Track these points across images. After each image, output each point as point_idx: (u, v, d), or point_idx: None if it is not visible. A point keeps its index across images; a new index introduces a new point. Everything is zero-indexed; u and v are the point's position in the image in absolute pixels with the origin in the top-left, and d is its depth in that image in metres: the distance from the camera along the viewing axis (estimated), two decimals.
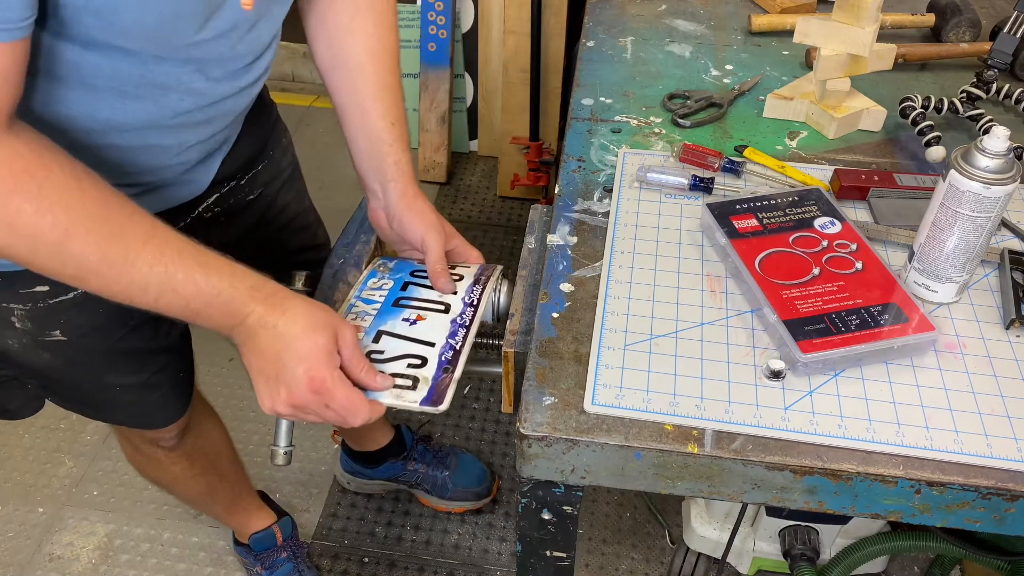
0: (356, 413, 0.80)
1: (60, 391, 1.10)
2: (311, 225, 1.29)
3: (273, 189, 1.18)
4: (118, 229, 0.72)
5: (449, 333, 0.91)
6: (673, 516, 1.74)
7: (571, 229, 0.96)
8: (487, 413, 1.95)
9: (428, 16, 2.43)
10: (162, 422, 1.20)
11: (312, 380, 0.77)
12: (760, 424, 0.74)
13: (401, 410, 0.84)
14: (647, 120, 1.15)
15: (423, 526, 1.74)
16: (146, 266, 0.73)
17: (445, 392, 0.83)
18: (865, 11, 1.04)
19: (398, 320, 0.93)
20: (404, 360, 0.87)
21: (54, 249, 0.70)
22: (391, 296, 0.97)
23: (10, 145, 0.68)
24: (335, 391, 0.78)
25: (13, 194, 0.68)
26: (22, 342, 0.97)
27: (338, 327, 0.80)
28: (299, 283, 1.02)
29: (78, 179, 0.71)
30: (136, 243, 0.73)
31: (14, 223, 0.68)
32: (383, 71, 1.02)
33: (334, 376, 0.78)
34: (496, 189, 2.63)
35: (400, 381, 0.84)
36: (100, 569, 1.66)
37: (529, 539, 0.88)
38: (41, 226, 0.69)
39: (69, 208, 0.70)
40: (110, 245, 0.71)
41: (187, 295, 0.75)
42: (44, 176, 0.69)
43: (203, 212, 1.07)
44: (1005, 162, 0.78)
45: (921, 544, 1.15)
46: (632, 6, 1.42)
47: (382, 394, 0.83)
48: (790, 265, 0.87)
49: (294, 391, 0.78)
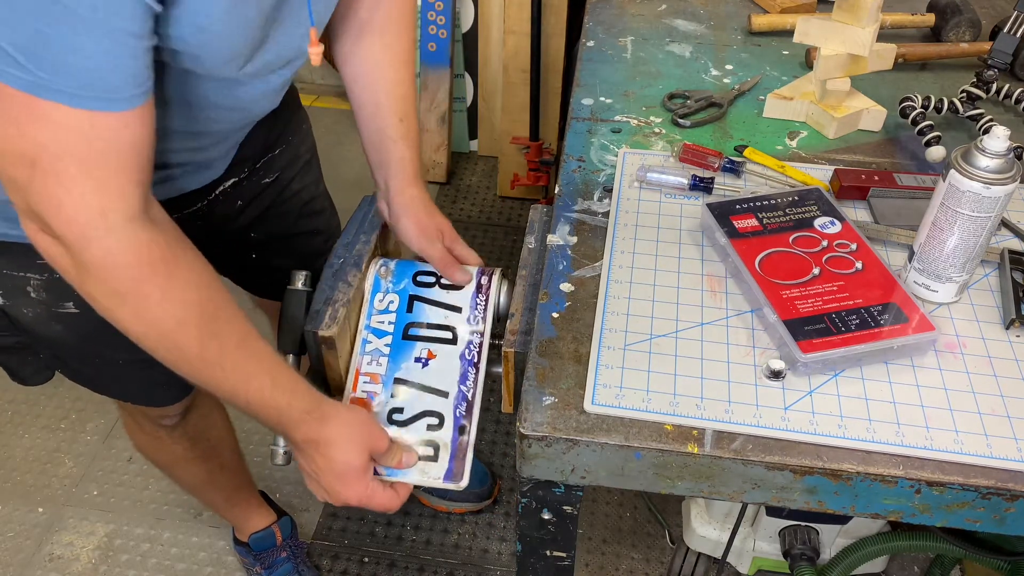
0: (390, 508, 0.93)
1: (69, 362, 1.12)
2: (325, 210, 1.31)
3: (290, 174, 1.20)
4: (218, 329, 0.79)
5: (460, 376, 0.97)
6: (673, 516, 1.74)
7: (571, 229, 0.96)
8: (487, 413, 1.95)
9: (428, 16, 2.43)
10: (165, 400, 1.22)
11: (348, 497, 0.90)
12: (760, 424, 0.74)
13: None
14: (647, 120, 1.15)
15: (423, 526, 1.74)
16: (231, 367, 0.81)
17: (463, 466, 0.93)
18: (865, 11, 1.04)
19: (411, 362, 0.99)
20: (423, 420, 0.96)
21: (164, 335, 0.77)
22: (400, 322, 1.01)
23: (151, 232, 0.73)
24: (368, 503, 0.91)
25: (147, 281, 0.74)
26: (36, 311, 0.99)
27: (373, 444, 0.89)
28: (299, 283, 1.02)
29: (200, 276, 0.78)
30: (230, 345, 0.80)
31: (139, 308, 0.74)
32: (399, 66, 1.05)
33: (368, 490, 0.91)
34: (496, 189, 2.63)
35: (422, 451, 0.94)
36: (100, 569, 1.66)
37: (529, 539, 0.88)
38: (161, 314, 0.75)
39: (187, 304, 0.76)
40: (210, 343, 0.78)
41: (251, 401, 0.83)
42: (175, 268, 0.75)
43: (219, 195, 1.09)
44: (1005, 162, 0.78)
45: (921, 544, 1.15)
46: (632, 6, 1.42)
47: (408, 473, 0.93)
48: (790, 265, 0.87)
49: (333, 498, 0.91)
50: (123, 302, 0.74)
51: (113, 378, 1.15)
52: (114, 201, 0.70)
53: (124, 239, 0.71)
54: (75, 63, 0.64)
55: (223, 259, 1.24)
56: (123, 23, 0.65)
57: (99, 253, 0.71)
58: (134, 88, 0.69)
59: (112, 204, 0.70)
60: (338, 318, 0.96)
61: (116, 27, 0.65)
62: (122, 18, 0.65)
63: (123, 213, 0.71)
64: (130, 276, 0.73)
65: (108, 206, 0.70)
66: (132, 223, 0.71)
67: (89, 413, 1.95)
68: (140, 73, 0.69)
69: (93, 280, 0.73)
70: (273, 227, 1.21)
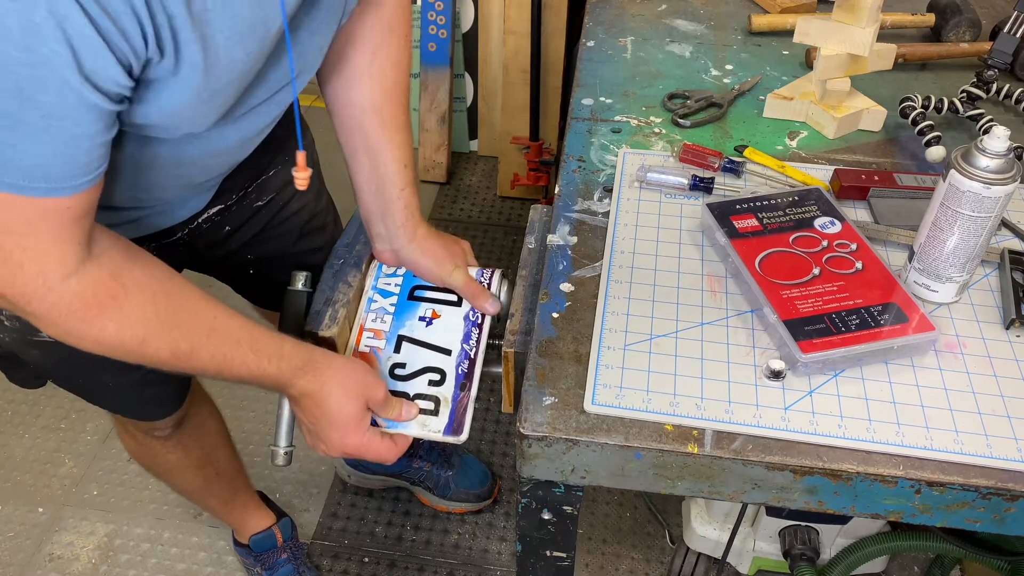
0: (387, 460, 0.93)
1: (56, 380, 1.12)
2: (327, 225, 1.27)
3: (288, 194, 1.16)
4: (185, 329, 0.80)
5: (463, 335, 0.98)
6: (673, 516, 1.74)
7: (571, 229, 0.96)
8: (487, 413, 1.95)
9: (428, 16, 2.43)
10: (157, 415, 1.22)
11: (345, 445, 0.91)
12: (760, 424, 0.74)
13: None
14: (647, 120, 1.15)
15: (423, 526, 1.74)
16: (207, 356, 0.82)
17: (464, 419, 0.93)
18: (865, 11, 1.04)
19: (415, 320, 1.00)
20: (425, 376, 0.95)
21: (133, 353, 0.78)
22: (406, 284, 1.03)
23: (94, 274, 0.74)
24: (365, 452, 0.91)
25: (97, 318, 0.74)
26: (13, 337, 0.99)
27: (369, 392, 0.90)
28: (299, 283, 1.02)
29: (152, 291, 0.78)
30: (200, 338, 0.81)
31: (100, 338, 0.76)
32: (398, 111, 1.01)
33: (364, 438, 0.91)
34: (496, 189, 2.63)
35: (423, 404, 0.94)
36: (100, 569, 1.66)
37: (529, 539, 0.88)
38: (122, 339, 0.76)
39: (146, 321, 0.77)
40: (179, 344, 0.80)
41: (241, 375, 0.84)
42: (124, 298, 0.76)
43: (203, 223, 1.06)
44: (1005, 162, 0.78)
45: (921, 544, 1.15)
46: (632, 6, 1.42)
47: (408, 425, 0.93)
48: (790, 265, 0.87)
49: (331, 449, 0.92)
50: (81, 339, 0.76)
51: (102, 395, 1.15)
52: (51, 266, 0.70)
53: (65, 293, 0.72)
54: (18, 160, 0.64)
55: (217, 274, 1.23)
56: (79, 128, 0.65)
57: (42, 307, 0.72)
58: (83, 177, 0.68)
59: (49, 268, 0.70)
60: (338, 319, 0.96)
61: (70, 132, 0.64)
62: (77, 124, 0.64)
63: (60, 274, 0.71)
64: (79, 319, 0.74)
65: (45, 270, 0.70)
66: (71, 278, 0.71)
67: (89, 413, 1.95)
68: (91, 164, 0.68)
69: (44, 325, 0.74)
70: (270, 248, 1.18)
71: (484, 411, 1.96)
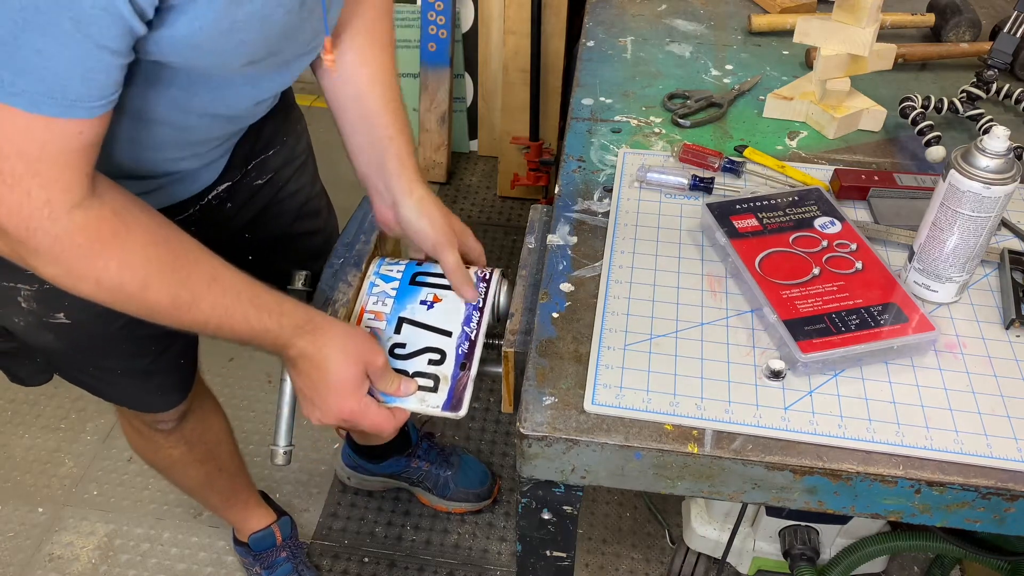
0: (383, 430, 0.91)
1: (63, 368, 1.12)
2: (322, 211, 1.29)
3: (286, 174, 1.18)
4: (186, 276, 0.79)
5: (464, 318, 0.97)
6: (673, 516, 1.74)
7: (571, 229, 0.96)
8: (487, 413, 1.95)
9: (428, 16, 2.43)
10: (161, 407, 1.22)
11: (341, 410, 0.88)
12: (760, 424, 0.74)
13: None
14: (647, 120, 1.15)
15: (423, 526, 1.74)
16: (208, 307, 0.80)
17: (463, 396, 0.91)
18: (865, 11, 1.04)
19: (416, 303, 0.99)
20: (425, 356, 0.94)
21: (134, 298, 0.77)
22: (408, 271, 1.02)
23: (97, 209, 0.73)
24: (362, 418, 0.89)
25: (100, 255, 0.74)
26: (27, 321, 0.99)
27: (368, 357, 0.88)
28: (299, 283, 1.02)
29: (154, 234, 0.78)
30: (201, 287, 0.80)
31: (100, 279, 0.75)
32: (387, 90, 1.02)
33: (361, 404, 0.89)
34: (496, 189, 2.63)
35: (422, 382, 0.92)
36: (100, 569, 1.66)
37: (529, 539, 0.88)
38: (123, 280, 0.76)
39: (147, 262, 0.76)
40: (179, 291, 0.79)
41: (240, 331, 0.83)
42: (126, 236, 0.75)
43: (212, 199, 1.07)
44: (1005, 162, 0.78)
45: (921, 544, 1.15)
46: (632, 6, 1.42)
47: (407, 400, 0.91)
48: (790, 265, 0.87)
49: (327, 415, 0.89)
50: (82, 279, 0.75)
51: (108, 384, 1.15)
52: (58, 194, 0.70)
53: (70, 225, 0.71)
54: (43, 67, 0.64)
55: None
56: (104, 39, 0.65)
57: (46, 241, 0.71)
58: (98, 100, 0.69)
59: (56, 197, 0.70)
60: (338, 319, 0.96)
61: (96, 42, 0.65)
62: (103, 35, 0.64)
63: (66, 203, 0.71)
64: (82, 255, 0.73)
65: (52, 199, 0.70)
66: (76, 209, 0.71)
67: (89, 413, 1.95)
68: (109, 87, 0.69)
69: (45, 263, 0.73)
70: (270, 228, 1.19)
71: (484, 411, 1.97)
